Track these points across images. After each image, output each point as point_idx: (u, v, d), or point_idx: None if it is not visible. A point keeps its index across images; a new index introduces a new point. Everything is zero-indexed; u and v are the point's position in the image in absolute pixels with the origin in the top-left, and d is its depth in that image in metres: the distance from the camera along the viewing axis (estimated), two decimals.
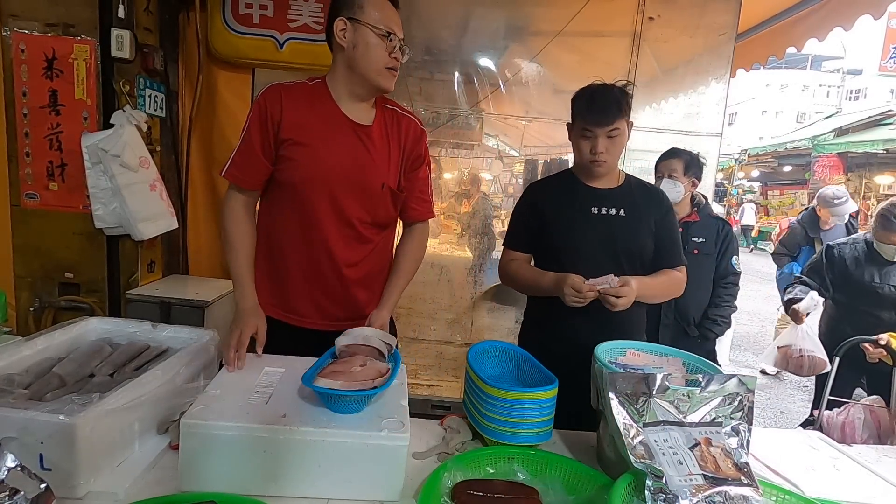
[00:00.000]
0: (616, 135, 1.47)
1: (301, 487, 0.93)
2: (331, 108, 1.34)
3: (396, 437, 0.94)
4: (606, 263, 1.50)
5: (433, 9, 2.71)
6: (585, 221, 1.53)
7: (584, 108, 1.48)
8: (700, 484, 0.86)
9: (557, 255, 1.56)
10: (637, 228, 1.54)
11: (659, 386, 0.96)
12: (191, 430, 0.90)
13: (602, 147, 1.46)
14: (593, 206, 1.54)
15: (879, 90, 24.93)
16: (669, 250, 1.58)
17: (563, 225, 1.56)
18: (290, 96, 1.32)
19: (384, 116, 1.40)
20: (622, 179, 1.60)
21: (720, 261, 2.37)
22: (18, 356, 1.09)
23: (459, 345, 2.92)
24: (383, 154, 1.38)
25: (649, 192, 1.61)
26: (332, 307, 1.42)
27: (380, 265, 1.48)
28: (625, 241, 1.53)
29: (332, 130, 1.33)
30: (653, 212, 1.56)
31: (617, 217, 1.53)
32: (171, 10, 2.56)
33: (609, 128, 1.45)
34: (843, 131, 13.62)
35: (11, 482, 0.58)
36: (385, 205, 1.40)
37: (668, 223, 1.58)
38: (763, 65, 3.49)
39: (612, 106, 1.45)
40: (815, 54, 27.00)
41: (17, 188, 2.21)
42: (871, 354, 2.28)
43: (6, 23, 2.11)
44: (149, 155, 2.29)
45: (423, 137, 1.46)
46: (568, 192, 1.58)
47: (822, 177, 14.64)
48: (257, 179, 1.35)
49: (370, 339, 1.20)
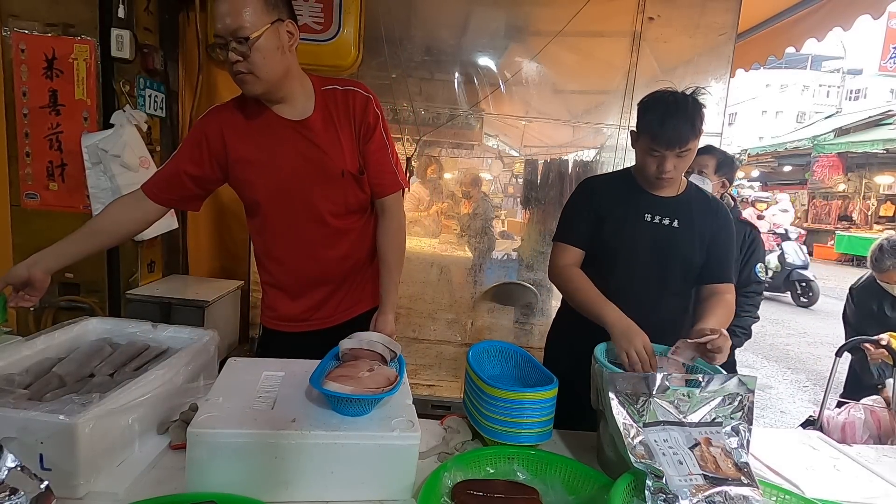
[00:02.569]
0: (686, 154, 1.38)
1: (313, 491, 0.93)
2: (265, 115, 1.30)
3: (408, 437, 0.94)
4: (654, 272, 1.49)
5: (433, 9, 2.71)
6: (637, 227, 1.48)
7: (654, 125, 1.36)
8: (700, 484, 0.86)
9: (605, 256, 1.52)
10: (689, 241, 1.49)
11: (659, 386, 0.96)
12: (198, 439, 0.89)
13: (670, 166, 1.38)
14: (647, 212, 1.49)
15: (879, 90, 24.95)
16: (719, 265, 1.51)
17: (614, 226, 1.50)
18: (227, 118, 1.31)
19: (325, 100, 1.33)
20: (683, 188, 1.53)
21: (743, 268, 2.24)
22: (18, 356, 1.09)
23: (459, 345, 2.92)
24: (332, 141, 1.32)
25: (708, 203, 1.54)
26: (329, 306, 1.44)
27: (368, 250, 1.46)
28: (675, 254, 1.49)
29: (274, 136, 1.30)
30: (708, 224, 1.50)
31: (669, 227, 1.48)
32: (171, 10, 2.56)
33: (680, 149, 1.36)
34: (843, 131, 13.63)
35: (11, 482, 0.58)
36: (353, 190, 1.37)
37: (722, 237, 1.51)
38: (763, 65, 3.50)
39: (685, 126, 1.34)
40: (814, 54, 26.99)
41: (17, 188, 2.21)
42: (873, 355, 2.28)
43: (6, 23, 2.11)
44: (149, 155, 2.29)
45: (370, 104, 1.34)
46: (625, 193, 1.52)
47: (822, 177, 14.67)
48: (170, 198, 1.34)
49: (374, 345, 1.20)
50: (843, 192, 14.49)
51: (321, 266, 1.40)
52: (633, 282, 1.49)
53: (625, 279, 1.50)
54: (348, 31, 2.44)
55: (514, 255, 3.02)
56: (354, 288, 1.47)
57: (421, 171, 2.95)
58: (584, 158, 2.90)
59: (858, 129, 13.45)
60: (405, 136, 2.76)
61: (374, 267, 1.47)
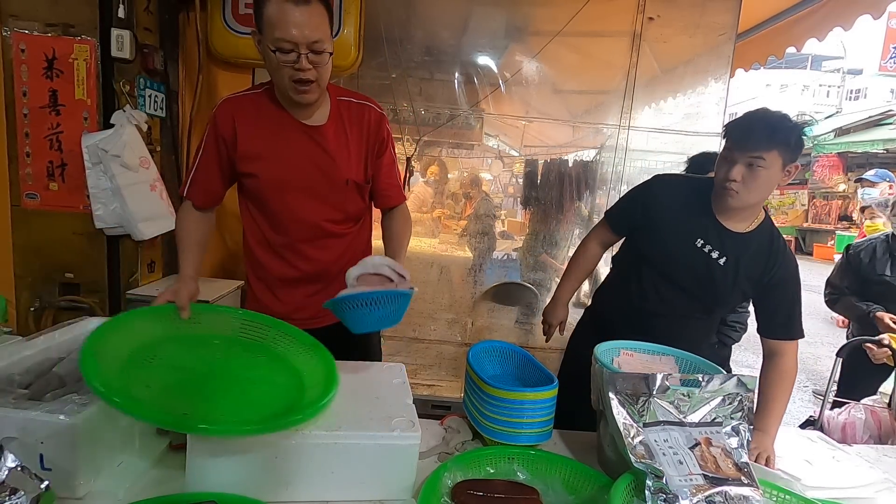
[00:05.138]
0: (760, 166, 1.27)
1: (313, 491, 0.93)
2: (280, 116, 1.32)
3: (408, 437, 0.95)
4: (682, 296, 1.46)
5: (433, 9, 2.71)
6: (681, 247, 1.42)
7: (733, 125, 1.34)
8: (700, 484, 0.86)
9: (639, 261, 1.50)
10: (730, 282, 1.40)
11: (659, 386, 0.96)
12: (198, 440, 0.89)
13: (737, 174, 1.28)
14: (700, 238, 1.40)
15: (879, 90, 24.90)
16: (782, 320, 1.40)
17: (660, 236, 1.45)
18: (241, 110, 1.32)
19: (339, 110, 1.37)
20: (754, 226, 1.40)
21: None
22: (18, 356, 1.09)
23: (459, 345, 2.92)
24: (342, 150, 1.36)
25: (770, 251, 1.39)
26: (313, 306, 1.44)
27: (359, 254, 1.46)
28: (711, 289, 1.42)
29: (286, 138, 1.32)
30: (758, 274, 1.39)
31: (715, 262, 1.39)
32: (171, 10, 2.56)
33: (751, 155, 1.27)
34: (843, 131, 13.63)
35: (12, 482, 0.58)
36: (353, 199, 1.41)
37: (778, 291, 1.39)
38: (763, 65, 3.49)
39: (763, 131, 1.27)
40: (815, 54, 26.95)
41: (17, 188, 2.21)
42: (876, 355, 2.28)
43: (6, 23, 2.11)
44: (149, 155, 2.29)
45: (384, 122, 1.43)
46: (688, 208, 1.43)
47: (822, 177, 14.66)
48: (213, 199, 1.40)
49: (381, 268, 1.19)
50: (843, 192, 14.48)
51: (312, 265, 1.43)
52: (659, 296, 1.48)
53: (651, 292, 1.48)
54: (348, 31, 2.44)
55: (514, 255, 3.03)
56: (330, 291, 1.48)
57: (424, 171, 2.95)
58: (584, 158, 2.91)
59: (858, 129, 13.46)
60: (405, 136, 2.76)
61: None
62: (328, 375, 1.04)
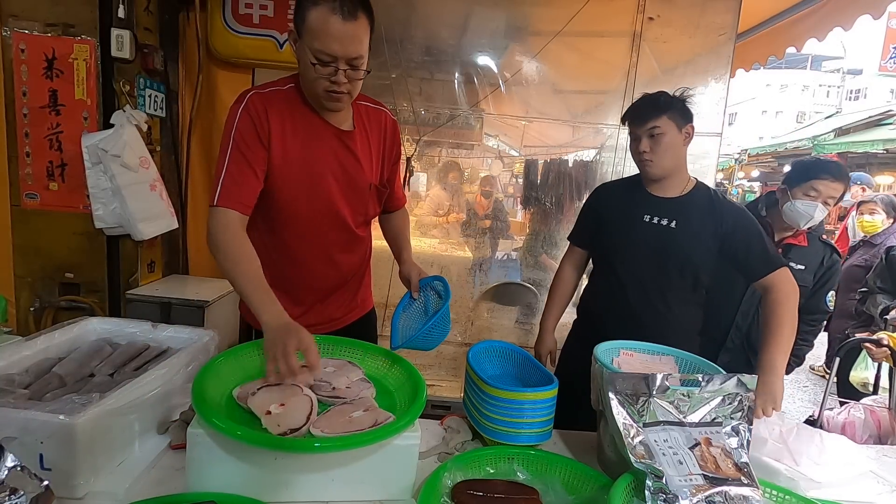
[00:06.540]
0: (658, 135, 1.47)
1: (312, 492, 0.93)
2: (311, 117, 1.28)
3: (408, 437, 0.95)
4: (655, 273, 1.53)
5: (433, 9, 2.71)
6: (634, 228, 1.54)
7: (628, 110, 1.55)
8: (700, 484, 0.86)
9: (608, 257, 1.62)
10: (687, 241, 1.50)
11: (659, 386, 0.96)
12: (198, 440, 0.89)
13: (645, 146, 1.49)
14: (646, 214, 1.54)
15: (879, 90, 24.92)
16: (756, 262, 1.49)
17: (613, 228, 1.59)
18: (274, 106, 1.23)
19: (360, 114, 1.36)
20: (687, 189, 1.56)
21: (814, 293, 1.95)
22: (18, 356, 1.09)
23: (459, 345, 2.92)
24: (367, 156, 1.36)
25: (713, 206, 1.53)
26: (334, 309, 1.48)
27: (367, 257, 1.54)
28: (672, 253, 1.51)
29: (318, 140, 1.28)
30: (711, 227, 1.50)
31: (666, 228, 1.51)
32: (171, 10, 2.56)
33: (648, 127, 1.48)
34: (843, 131, 13.61)
35: (11, 482, 0.58)
36: (373, 202, 1.43)
37: (737, 239, 1.49)
38: (763, 65, 3.49)
39: (648, 106, 1.49)
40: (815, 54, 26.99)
41: (17, 188, 2.21)
42: (875, 355, 2.28)
43: (6, 23, 2.11)
44: (149, 155, 2.29)
45: (398, 127, 1.46)
46: (627, 196, 1.61)
47: None
48: (251, 202, 1.22)
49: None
50: None
51: (335, 268, 1.42)
52: (634, 281, 1.55)
53: (626, 278, 1.56)
54: None
55: (515, 255, 3.03)
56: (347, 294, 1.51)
57: (442, 176, 2.95)
58: (584, 158, 2.91)
59: (858, 129, 13.43)
60: (405, 136, 2.76)
61: (367, 276, 1.57)
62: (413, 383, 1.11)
